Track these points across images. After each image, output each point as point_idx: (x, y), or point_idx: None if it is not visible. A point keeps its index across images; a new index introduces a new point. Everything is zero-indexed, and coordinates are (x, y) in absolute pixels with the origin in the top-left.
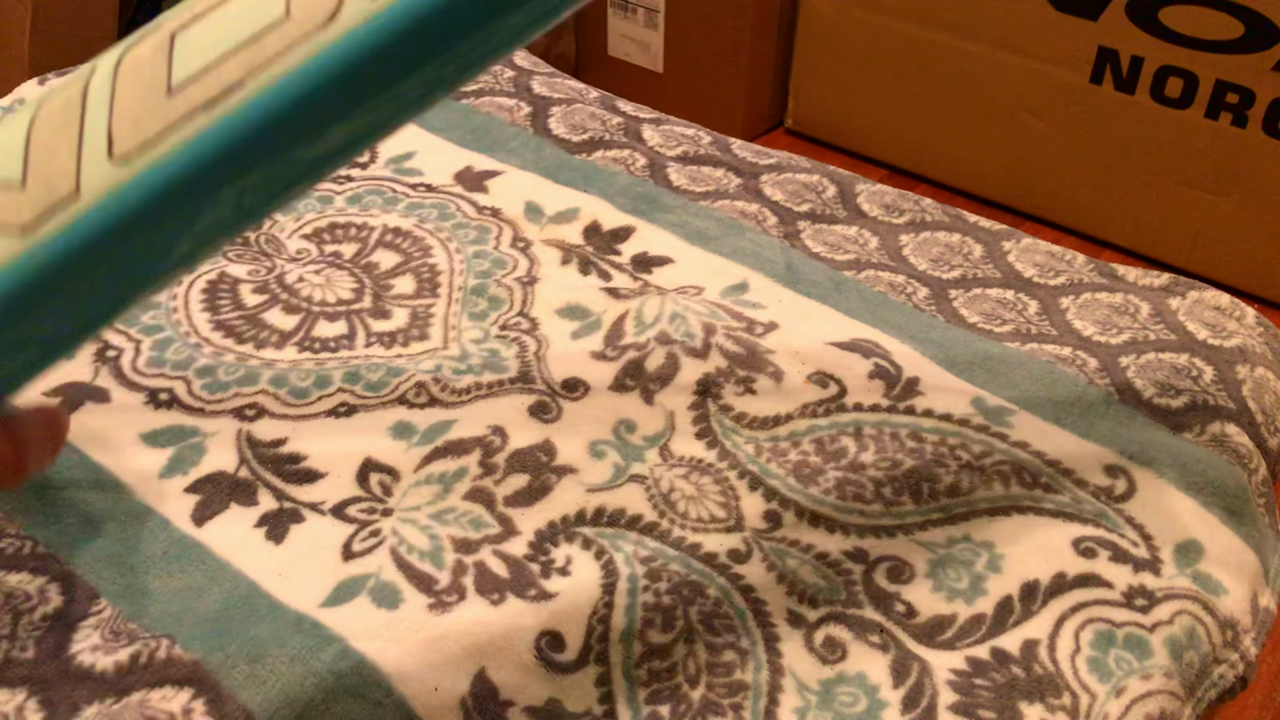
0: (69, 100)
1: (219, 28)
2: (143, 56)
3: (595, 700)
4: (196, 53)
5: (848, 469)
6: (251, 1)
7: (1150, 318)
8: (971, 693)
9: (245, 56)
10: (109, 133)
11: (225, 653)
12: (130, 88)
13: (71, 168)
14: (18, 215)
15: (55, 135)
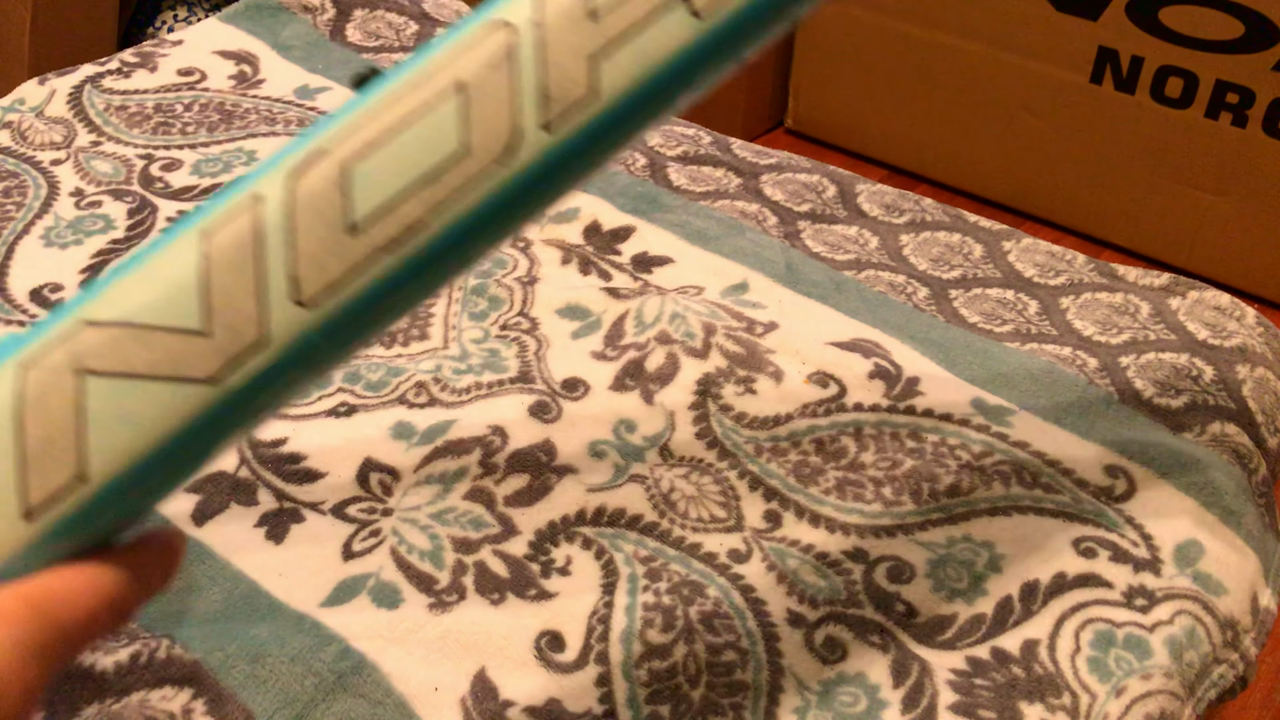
0: (240, 239)
1: (396, 162)
2: (317, 190)
3: (595, 700)
4: (375, 189)
5: (848, 469)
6: (426, 133)
7: (1150, 318)
8: (972, 693)
9: (426, 194)
10: (293, 276)
11: (225, 652)
12: (310, 225)
13: (255, 314)
14: (204, 366)
15: (233, 278)
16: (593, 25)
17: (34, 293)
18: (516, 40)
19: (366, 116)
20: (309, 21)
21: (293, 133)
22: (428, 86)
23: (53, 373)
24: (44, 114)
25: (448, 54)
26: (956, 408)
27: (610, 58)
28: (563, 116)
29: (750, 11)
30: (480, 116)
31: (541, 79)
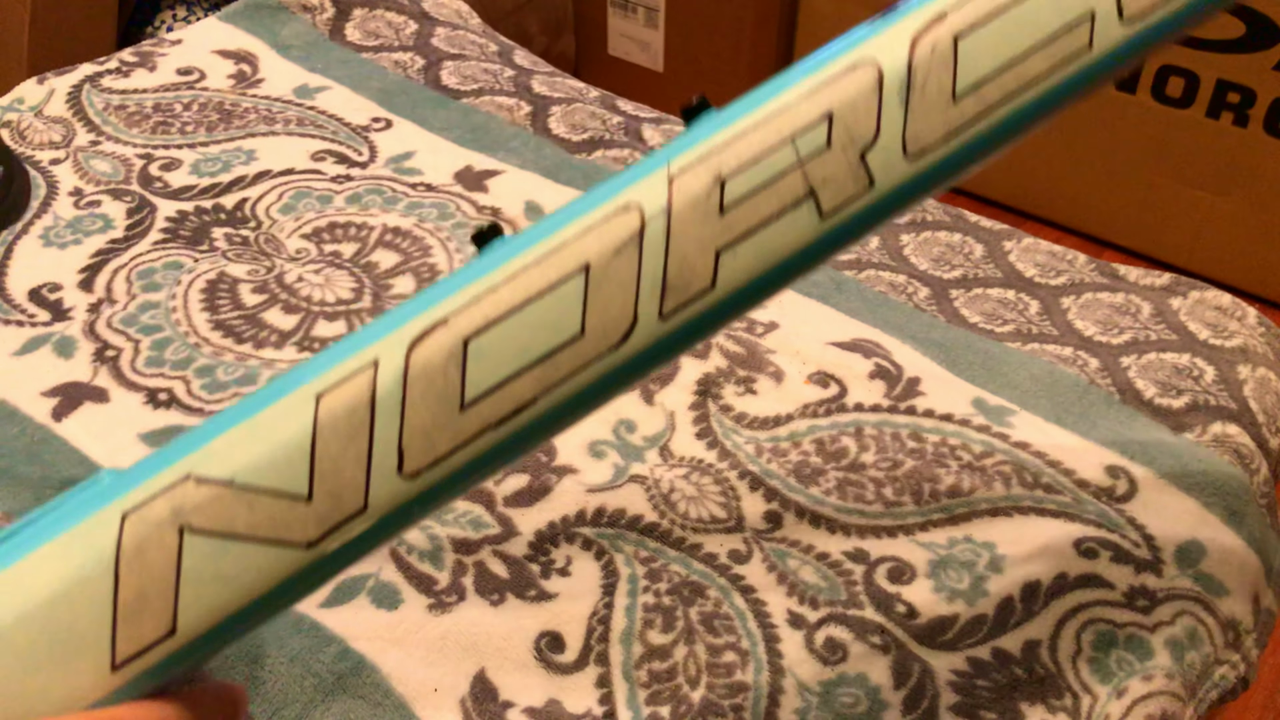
0: (354, 406)
1: (514, 340)
2: (434, 363)
3: (595, 701)
4: (491, 366)
5: (848, 469)
6: (547, 314)
7: (1151, 318)
8: (973, 693)
9: (539, 373)
10: (400, 448)
11: (224, 653)
12: (423, 398)
13: (360, 482)
14: (303, 531)
15: (343, 447)
16: (720, 219)
17: (33, 292)
18: (645, 227)
19: (488, 288)
20: (308, 21)
21: (292, 132)
22: (553, 264)
23: (154, 526)
24: (43, 113)
25: (576, 230)
26: (957, 408)
27: (733, 251)
28: (680, 306)
29: (871, 214)
30: (601, 301)
31: (665, 268)
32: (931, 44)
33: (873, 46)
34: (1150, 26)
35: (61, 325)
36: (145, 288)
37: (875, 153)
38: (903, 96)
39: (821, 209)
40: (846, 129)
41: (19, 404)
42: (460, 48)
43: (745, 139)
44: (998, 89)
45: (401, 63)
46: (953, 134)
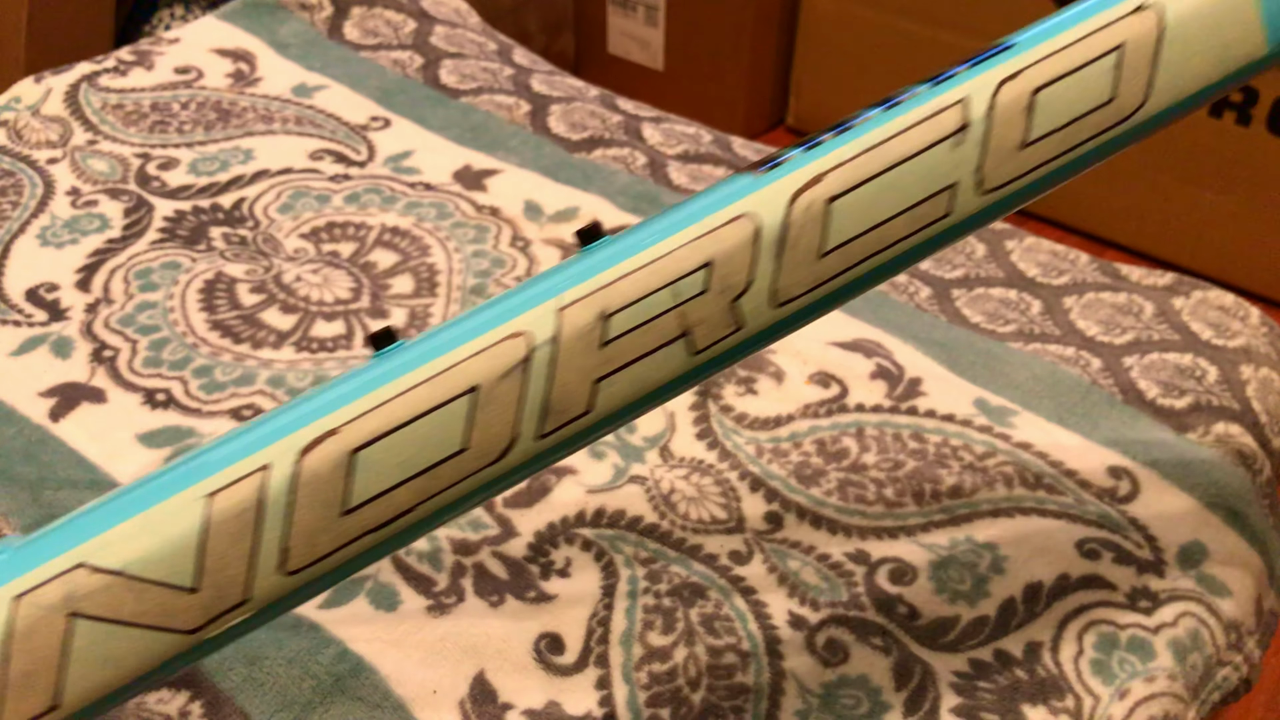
0: (243, 508)
1: (400, 454)
2: (322, 472)
3: (595, 703)
4: (376, 477)
5: (849, 470)
6: (433, 430)
7: (1154, 317)
8: (974, 695)
9: (420, 484)
10: (283, 548)
11: (222, 655)
12: (308, 503)
13: (244, 577)
14: (186, 620)
15: (230, 545)
16: (601, 351)
17: (30, 292)
18: (533, 355)
19: (380, 401)
20: (306, 19)
21: (290, 131)
22: (443, 383)
23: (44, 610)
24: (40, 112)
25: (467, 352)
26: (959, 408)
27: (610, 380)
28: (557, 428)
29: (737, 351)
30: (485, 421)
31: (547, 394)
32: (807, 204)
33: (754, 201)
34: (1005, 198)
35: (59, 325)
36: (143, 287)
37: (746, 299)
38: (776, 251)
39: (693, 347)
40: (722, 278)
41: (16, 404)
42: (459, 46)
43: (631, 279)
44: (862, 248)
45: (400, 61)
46: (817, 285)
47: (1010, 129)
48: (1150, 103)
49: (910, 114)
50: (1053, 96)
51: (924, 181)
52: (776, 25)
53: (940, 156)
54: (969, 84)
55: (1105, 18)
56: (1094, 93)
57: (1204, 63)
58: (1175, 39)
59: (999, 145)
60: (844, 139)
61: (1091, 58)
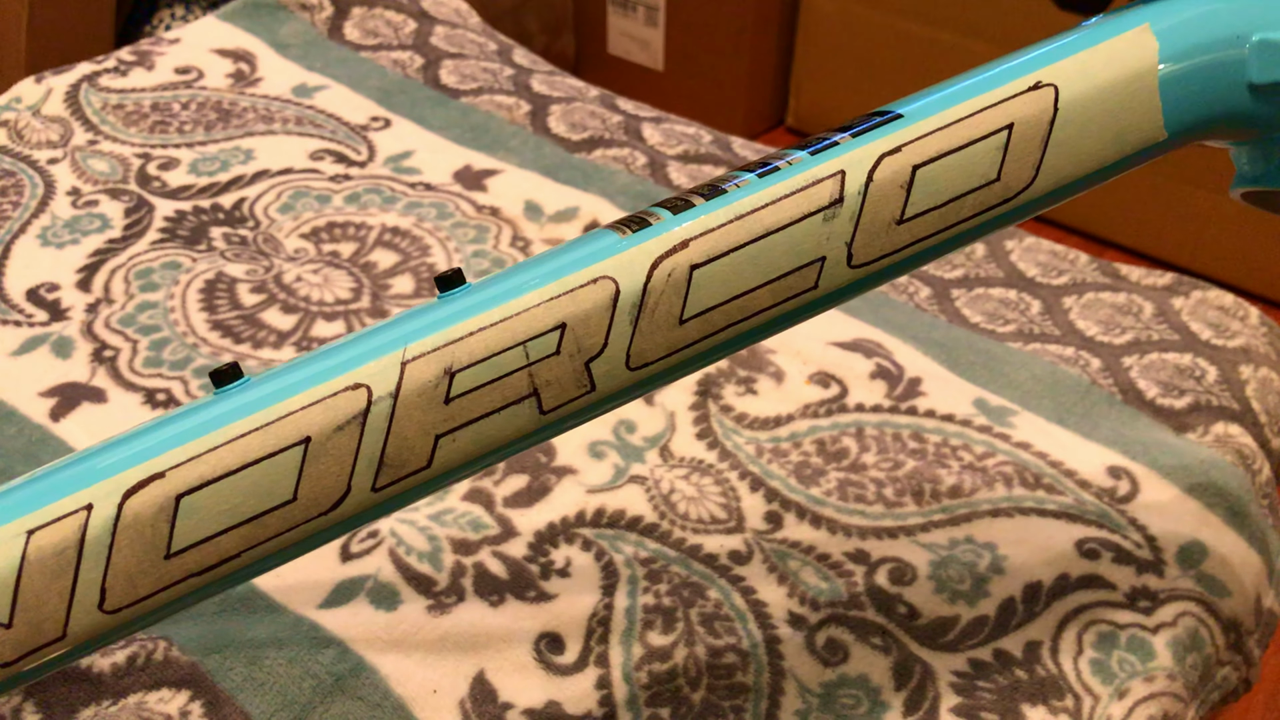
0: (63, 547)
1: (226, 501)
2: (144, 515)
3: (595, 703)
4: (200, 523)
5: (849, 470)
6: (261, 480)
7: (1153, 317)
8: (974, 695)
9: (246, 531)
10: (103, 588)
11: (223, 654)
12: (130, 545)
13: (61, 615)
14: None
15: (47, 582)
16: (445, 407)
17: (30, 292)
18: (371, 408)
19: (209, 447)
20: (307, 20)
21: (291, 131)
22: (275, 432)
23: None
24: (41, 113)
25: (304, 401)
26: (959, 408)
27: (453, 437)
28: (393, 481)
29: (589, 411)
30: (317, 472)
31: (384, 447)
32: (669, 270)
33: (615, 264)
34: (876, 272)
35: (59, 325)
36: (143, 287)
37: (599, 362)
38: (633, 316)
39: (543, 406)
40: (576, 339)
41: (17, 404)
42: (459, 46)
43: (481, 336)
44: (722, 317)
45: (400, 62)
46: (674, 351)
47: (886, 205)
48: (1037, 184)
49: (785, 183)
50: (934, 174)
51: (792, 254)
52: (776, 25)
53: (811, 229)
54: (848, 155)
55: (999, 94)
56: (978, 172)
57: (1098, 145)
58: (1070, 120)
59: (873, 221)
60: (714, 204)
61: (979, 136)
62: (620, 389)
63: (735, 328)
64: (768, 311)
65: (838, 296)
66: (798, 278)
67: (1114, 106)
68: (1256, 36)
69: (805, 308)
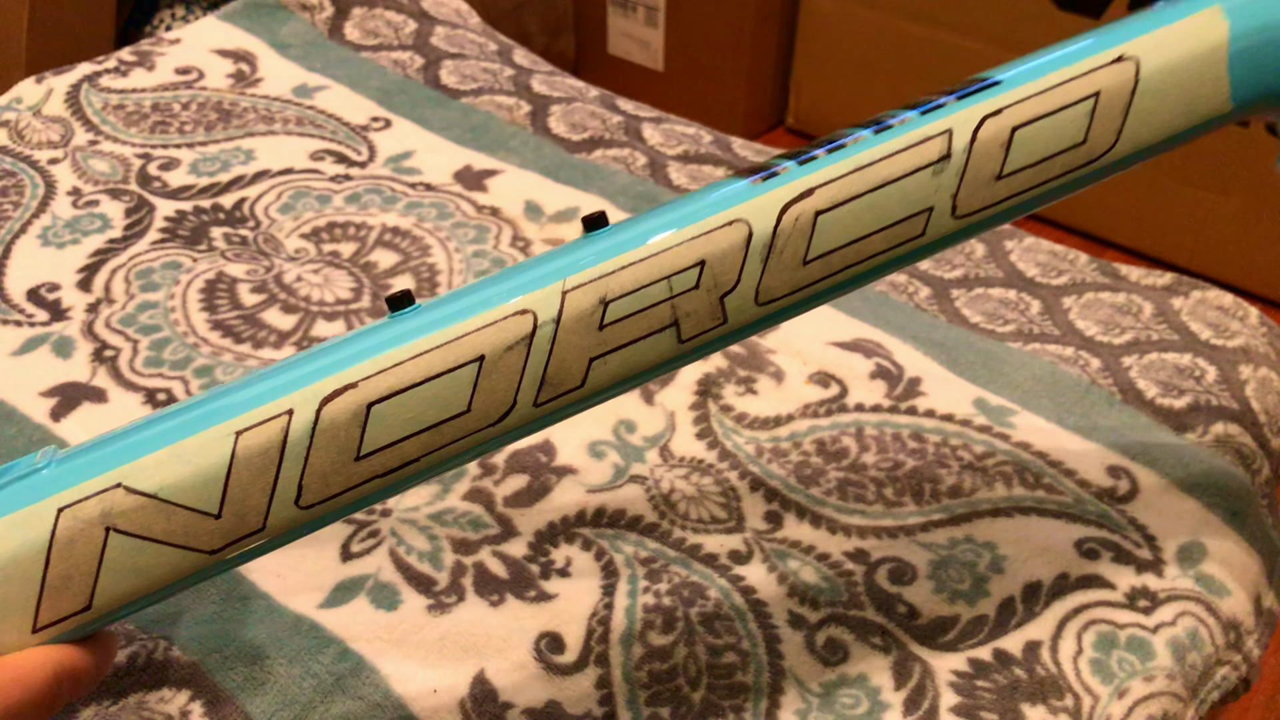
0: (267, 447)
1: (411, 410)
2: (340, 421)
3: (595, 702)
4: (387, 428)
5: (849, 470)
6: (442, 391)
7: (1153, 317)
8: (974, 694)
9: (426, 439)
10: (300, 485)
11: (223, 654)
12: (325, 447)
13: (263, 508)
14: (209, 541)
15: (253, 478)
16: (599, 333)
17: (31, 292)
18: (536, 331)
19: (395, 362)
20: (307, 20)
21: (291, 132)
22: (454, 350)
23: (85, 523)
24: (41, 113)
25: (478, 323)
26: (958, 408)
27: (604, 360)
28: (553, 398)
29: (720, 342)
30: (489, 387)
31: (546, 367)
32: (796, 216)
33: (749, 209)
34: (976, 223)
35: (60, 325)
36: (144, 287)
37: (732, 297)
38: (763, 256)
39: (681, 335)
40: (713, 275)
41: (17, 404)
42: (460, 47)
43: (631, 270)
44: (841, 259)
45: (401, 62)
46: (798, 289)
47: (987, 162)
48: (1118, 147)
49: (899, 139)
50: (1029, 135)
51: (904, 204)
52: (776, 25)
53: (921, 182)
54: (955, 116)
55: (1087, 65)
56: (1068, 135)
57: (1172, 114)
58: (1148, 91)
59: (975, 176)
60: (836, 157)
61: (1069, 102)
62: (748, 322)
63: (852, 269)
64: (880, 256)
65: (940, 244)
66: (908, 226)
67: (1188, 79)
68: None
69: (911, 254)
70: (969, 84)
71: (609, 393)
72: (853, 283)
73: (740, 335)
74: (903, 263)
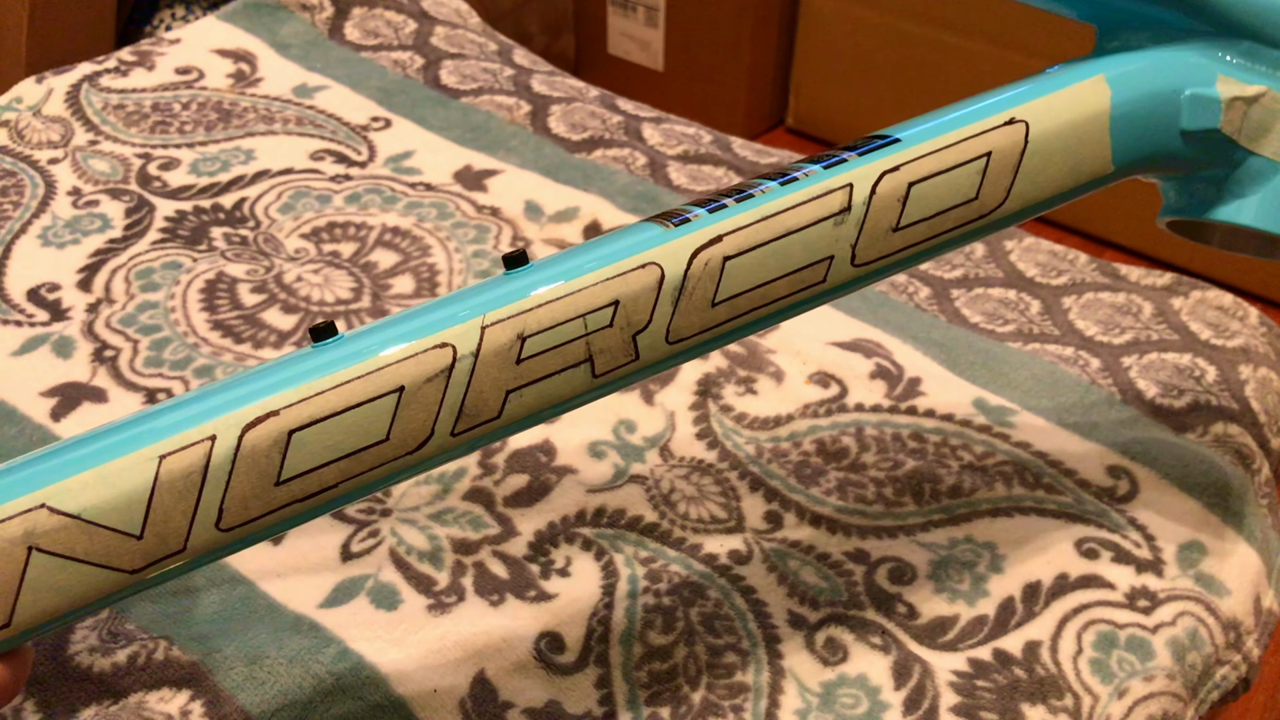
0: (190, 470)
1: (331, 438)
2: (261, 447)
3: (595, 702)
4: (308, 455)
5: (849, 469)
6: (362, 421)
7: (1153, 317)
8: (973, 694)
9: (344, 465)
10: (221, 509)
11: (223, 654)
12: (246, 473)
13: (184, 530)
14: (130, 561)
15: (175, 501)
16: (516, 367)
17: (31, 292)
18: (455, 364)
19: (318, 391)
20: (307, 20)
21: (291, 132)
22: (375, 381)
23: (8, 542)
24: (41, 113)
25: (399, 355)
26: (958, 408)
27: (520, 393)
28: (469, 428)
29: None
30: (408, 417)
31: (464, 399)
32: (706, 260)
33: (661, 253)
34: (873, 271)
35: (60, 325)
36: (144, 287)
37: (644, 335)
38: (674, 298)
39: (595, 371)
40: (626, 315)
41: (17, 404)
42: (459, 47)
43: (548, 307)
44: (747, 302)
45: (401, 62)
46: (706, 329)
47: (886, 215)
48: (1007, 204)
49: (802, 192)
50: (925, 191)
51: (807, 252)
52: (776, 25)
53: (823, 232)
54: (855, 171)
55: (980, 126)
56: (961, 191)
57: (1058, 174)
58: (1036, 152)
59: (874, 228)
60: (744, 206)
61: (963, 160)
62: (659, 359)
63: (756, 312)
64: (784, 300)
65: (840, 290)
66: (810, 272)
67: (1073, 142)
68: (1188, 91)
69: (813, 298)
70: (869, 141)
71: (524, 423)
72: (759, 323)
73: (651, 371)
74: (806, 306)
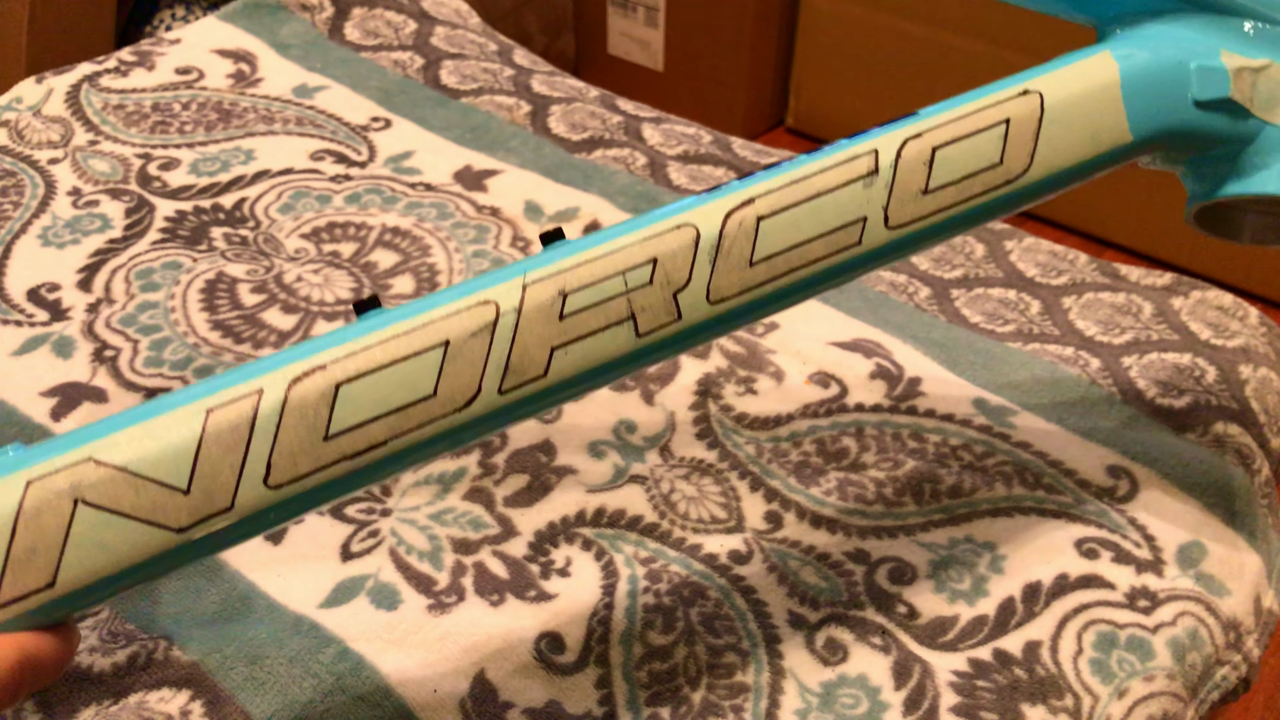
0: (236, 423)
1: (378, 391)
2: (309, 400)
3: (595, 702)
4: (355, 409)
5: (849, 470)
6: (408, 375)
7: (1153, 317)
8: (973, 694)
9: (393, 421)
10: (269, 463)
11: (223, 654)
12: (294, 426)
13: (231, 485)
14: (177, 518)
15: (221, 454)
16: (559, 323)
17: (31, 292)
18: (499, 320)
19: (364, 346)
20: (307, 20)
21: (291, 132)
22: (420, 336)
23: (53, 494)
24: (41, 113)
25: (444, 313)
26: (958, 408)
27: (565, 350)
28: (516, 386)
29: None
30: (454, 372)
31: (509, 354)
32: (740, 220)
33: (696, 214)
34: (908, 235)
35: (60, 325)
36: (144, 287)
37: (685, 294)
38: (711, 256)
39: (639, 329)
40: (666, 273)
41: (17, 404)
42: (459, 47)
43: (588, 266)
44: (784, 262)
45: (401, 62)
46: (746, 290)
47: (913, 177)
48: (1033, 170)
49: (829, 158)
50: (950, 155)
51: (839, 213)
52: (776, 25)
53: (854, 193)
54: (879, 139)
55: (995, 98)
56: (985, 155)
57: (1079, 141)
58: (1054, 119)
59: (903, 190)
60: (773, 172)
61: (983, 127)
62: (702, 320)
63: (797, 273)
64: (822, 261)
65: (879, 255)
66: (844, 234)
67: (1088, 110)
68: (1194, 64)
69: (853, 261)
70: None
71: (573, 387)
72: (801, 287)
73: (698, 335)
74: (846, 271)
